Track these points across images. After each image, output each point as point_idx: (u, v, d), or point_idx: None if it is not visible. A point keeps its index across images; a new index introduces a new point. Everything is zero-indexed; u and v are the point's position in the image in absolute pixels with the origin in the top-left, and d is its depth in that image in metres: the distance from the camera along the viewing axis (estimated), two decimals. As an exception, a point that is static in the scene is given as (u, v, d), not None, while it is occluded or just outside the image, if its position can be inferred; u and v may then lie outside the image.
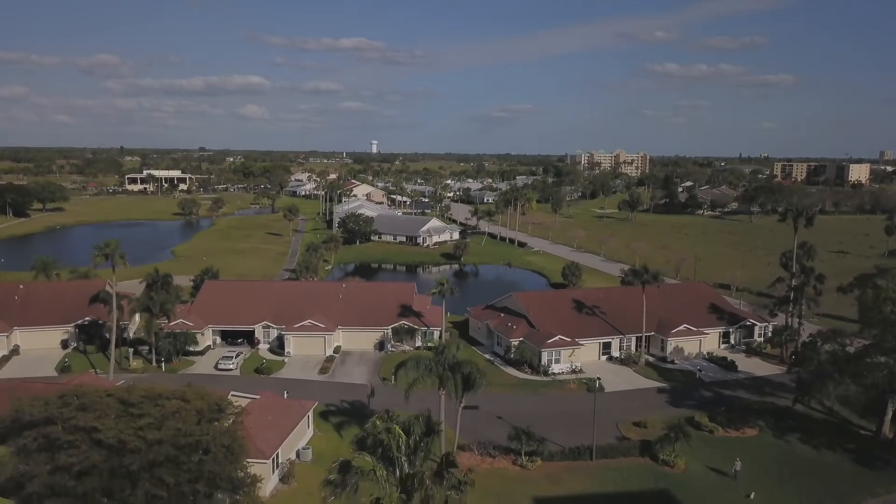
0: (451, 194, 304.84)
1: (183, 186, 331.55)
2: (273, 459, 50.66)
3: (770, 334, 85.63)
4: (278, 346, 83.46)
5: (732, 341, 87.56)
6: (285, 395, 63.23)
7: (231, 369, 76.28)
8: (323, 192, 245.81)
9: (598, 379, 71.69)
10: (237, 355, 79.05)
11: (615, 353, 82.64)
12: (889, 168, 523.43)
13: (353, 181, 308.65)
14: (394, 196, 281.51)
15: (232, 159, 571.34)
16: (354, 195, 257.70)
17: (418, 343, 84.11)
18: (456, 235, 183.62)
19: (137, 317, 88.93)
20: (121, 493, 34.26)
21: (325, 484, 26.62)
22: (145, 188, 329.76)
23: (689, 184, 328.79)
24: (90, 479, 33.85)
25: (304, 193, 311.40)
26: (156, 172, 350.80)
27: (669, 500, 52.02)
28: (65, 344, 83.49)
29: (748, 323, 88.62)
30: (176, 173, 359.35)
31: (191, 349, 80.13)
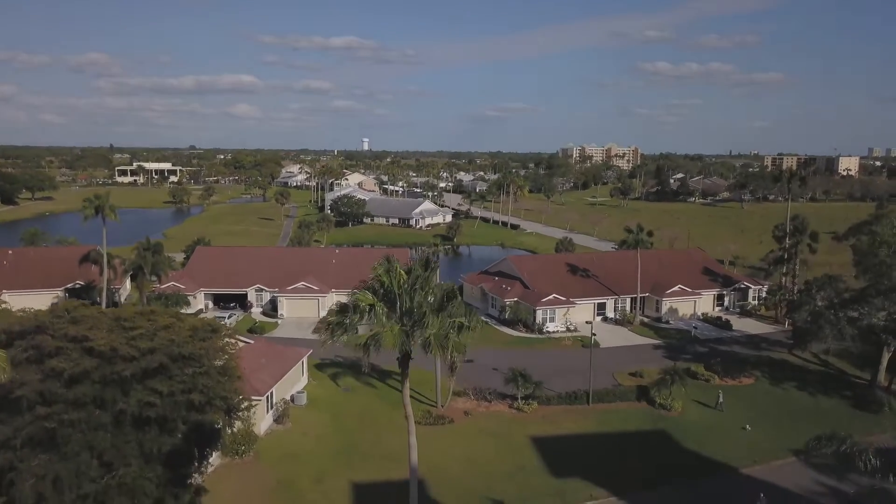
0: (444, 185, 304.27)
1: (173, 178, 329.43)
2: (267, 398, 50.10)
3: (765, 295, 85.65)
4: (271, 309, 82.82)
5: (727, 304, 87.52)
6: (279, 347, 62.68)
7: (224, 329, 75.43)
8: (314, 183, 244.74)
9: (594, 335, 71.40)
10: (230, 316, 78.36)
11: (610, 313, 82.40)
12: (878, 163, 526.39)
13: (345, 171, 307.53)
14: (386, 186, 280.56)
15: (223, 156, 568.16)
16: (346, 179, 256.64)
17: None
18: (449, 218, 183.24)
19: (128, 283, 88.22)
20: (113, 403, 33.55)
21: (325, 325, 26.25)
22: (135, 180, 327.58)
23: (680, 175, 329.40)
24: (81, 386, 33.13)
25: (295, 184, 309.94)
26: (146, 165, 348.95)
27: (667, 439, 51.73)
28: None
29: (743, 286, 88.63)
30: (166, 165, 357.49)
31: (182, 311, 79.01)
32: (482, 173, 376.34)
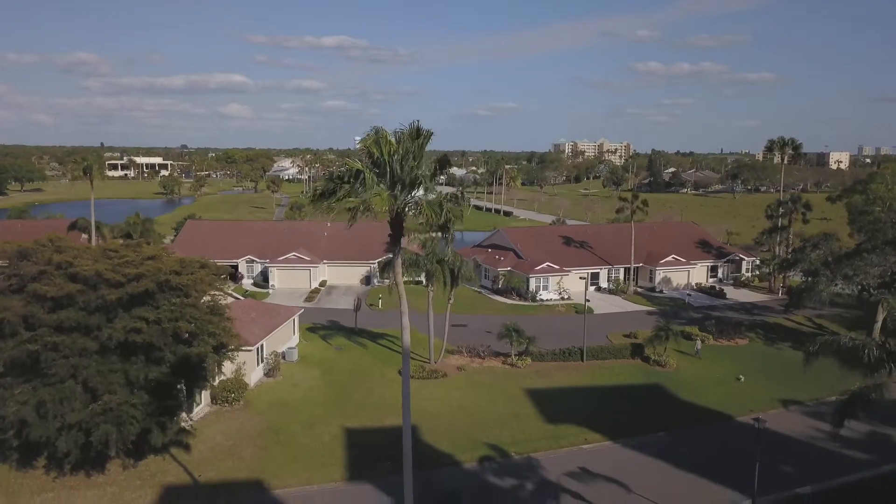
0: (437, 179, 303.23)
1: (164, 172, 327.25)
2: (258, 350, 49.39)
3: (758, 263, 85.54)
4: (262, 280, 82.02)
5: (721, 275, 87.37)
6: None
7: (214, 298, 74.60)
8: (307, 176, 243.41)
9: (588, 301, 70.94)
10: (220, 285, 77.50)
11: (604, 283, 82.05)
12: (868, 160, 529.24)
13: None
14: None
15: (213, 154, 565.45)
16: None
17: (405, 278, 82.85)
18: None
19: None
20: (98, 329, 32.83)
21: (313, 196, 25.55)
22: (126, 174, 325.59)
23: (672, 170, 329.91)
24: (65, 311, 32.42)
25: (287, 178, 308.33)
26: (137, 159, 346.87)
27: (662, 391, 51.29)
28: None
29: (737, 257, 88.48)
30: (157, 160, 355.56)
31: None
32: (474, 168, 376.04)
